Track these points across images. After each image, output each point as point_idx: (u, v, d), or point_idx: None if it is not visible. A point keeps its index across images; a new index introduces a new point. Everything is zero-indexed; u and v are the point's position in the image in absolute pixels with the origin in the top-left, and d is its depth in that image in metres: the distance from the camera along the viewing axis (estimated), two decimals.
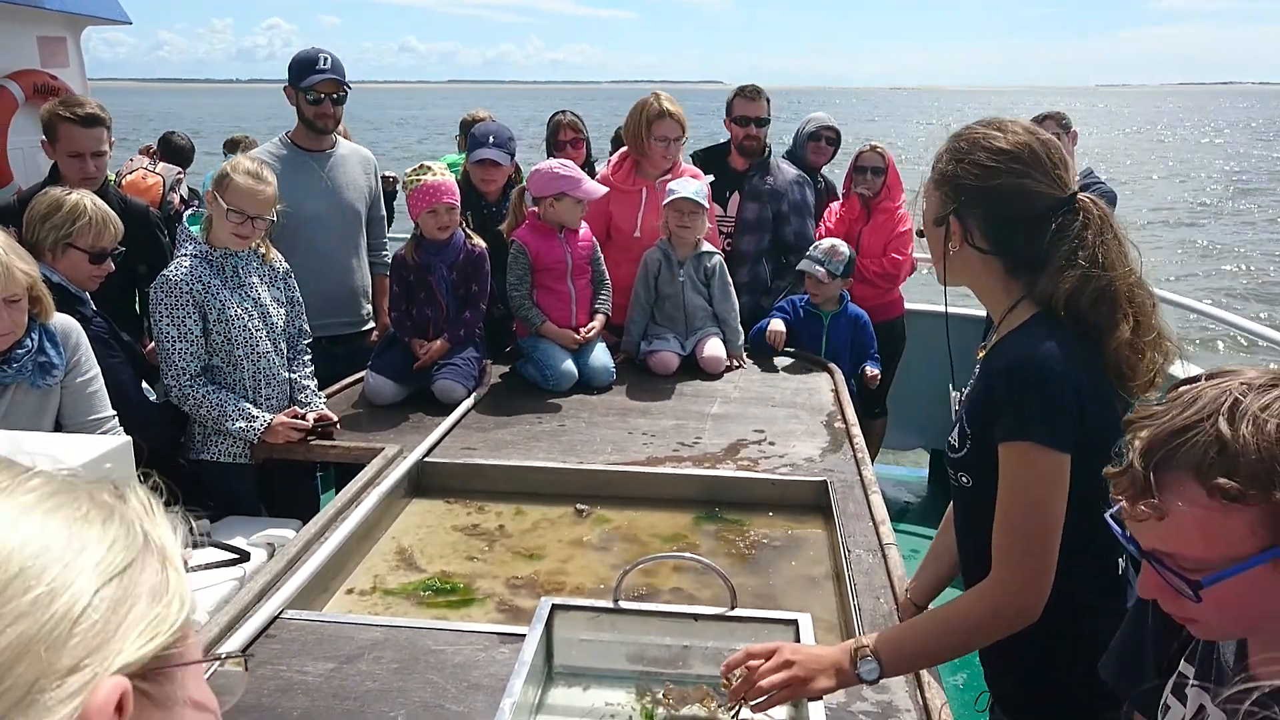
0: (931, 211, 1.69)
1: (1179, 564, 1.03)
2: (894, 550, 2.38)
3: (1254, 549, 0.99)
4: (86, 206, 2.92)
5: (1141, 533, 1.06)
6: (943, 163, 1.65)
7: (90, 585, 0.54)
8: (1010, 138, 1.61)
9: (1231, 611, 1.04)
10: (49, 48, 5.35)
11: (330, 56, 3.87)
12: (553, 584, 2.36)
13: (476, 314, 3.73)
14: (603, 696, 1.78)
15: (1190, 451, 1.00)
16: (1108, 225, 1.60)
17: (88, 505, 0.58)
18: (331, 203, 3.91)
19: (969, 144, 1.63)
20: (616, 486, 2.87)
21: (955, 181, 1.63)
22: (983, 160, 1.60)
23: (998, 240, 1.63)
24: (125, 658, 0.54)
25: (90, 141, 3.41)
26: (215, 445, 3.10)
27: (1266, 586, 1.00)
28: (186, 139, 6.87)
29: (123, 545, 0.58)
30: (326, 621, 2.07)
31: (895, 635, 1.63)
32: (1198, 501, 0.99)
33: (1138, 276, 1.61)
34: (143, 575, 0.57)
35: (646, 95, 4.19)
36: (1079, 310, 1.58)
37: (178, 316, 2.96)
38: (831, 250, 4.26)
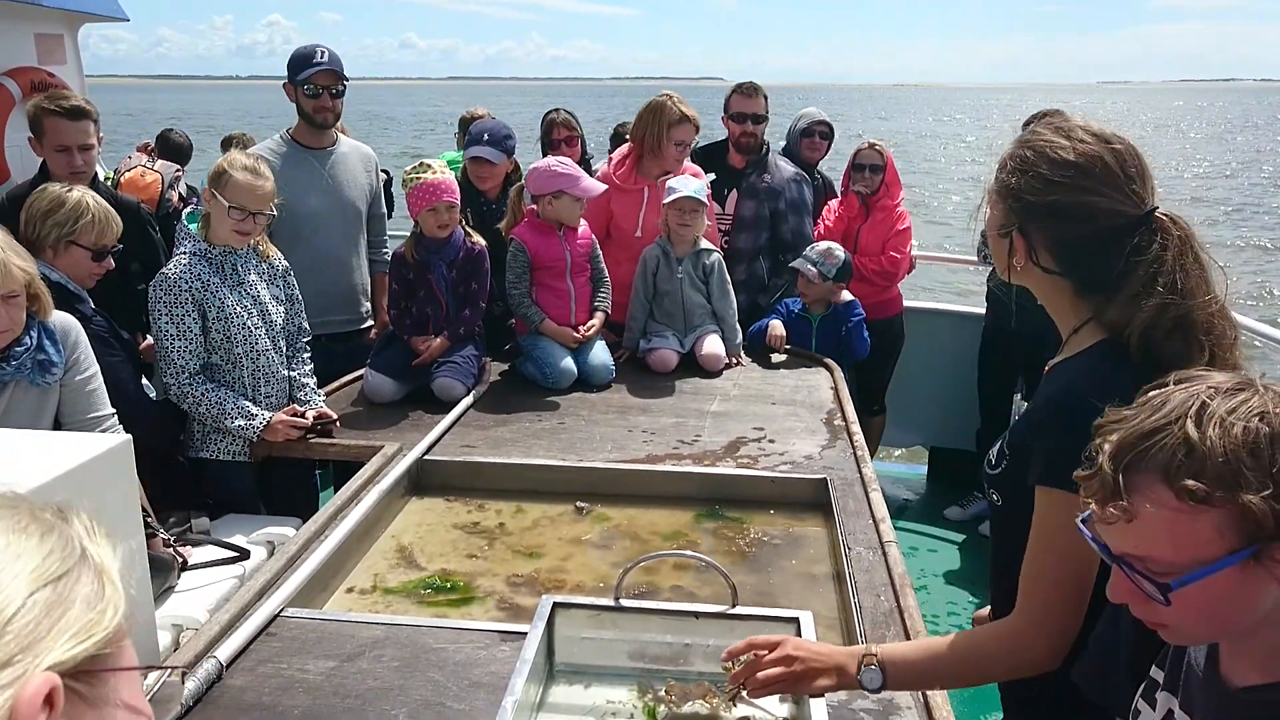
0: (994, 221, 1.56)
1: (1148, 567, 1.04)
2: (894, 548, 2.38)
3: (1222, 551, 0.99)
4: (89, 204, 2.92)
5: (1111, 536, 1.07)
6: (1005, 172, 1.51)
7: (24, 589, 0.59)
8: (1078, 147, 1.45)
9: (1201, 615, 1.04)
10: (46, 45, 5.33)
11: (328, 51, 3.87)
12: (553, 582, 2.37)
13: (476, 312, 3.72)
14: (604, 694, 1.78)
15: (1158, 454, 1.01)
16: (1189, 246, 1.42)
17: (28, 520, 0.63)
18: (332, 200, 3.91)
19: (1034, 154, 1.48)
20: (616, 484, 2.87)
21: (1018, 195, 1.49)
22: (1046, 174, 1.45)
23: (1065, 261, 1.49)
24: (56, 656, 0.59)
25: (77, 135, 3.35)
26: (214, 443, 3.10)
27: (1235, 589, 1.01)
28: (184, 136, 6.86)
29: (59, 556, 0.62)
30: (327, 620, 2.07)
31: (905, 653, 1.59)
32: (1166, 504, 1.00)
33: (1220, 304, 1.43)
34: (78, 585, 0.62)
35: (657, 96, 4.17)
36: (1152, 342, 1.41)
37: (177, 314, 2.95)
38: (827, 252, 4.27)
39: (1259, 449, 0.98)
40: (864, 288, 4.79)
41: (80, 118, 3.36)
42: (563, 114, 5.02)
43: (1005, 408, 4.94)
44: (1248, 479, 0.97)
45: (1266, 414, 1.00)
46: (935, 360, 5.35)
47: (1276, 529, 0.97)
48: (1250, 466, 0.97)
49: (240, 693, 1.79)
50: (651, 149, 4.11)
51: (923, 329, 5.25)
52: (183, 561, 2.62)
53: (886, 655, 1.56)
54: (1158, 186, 1.48)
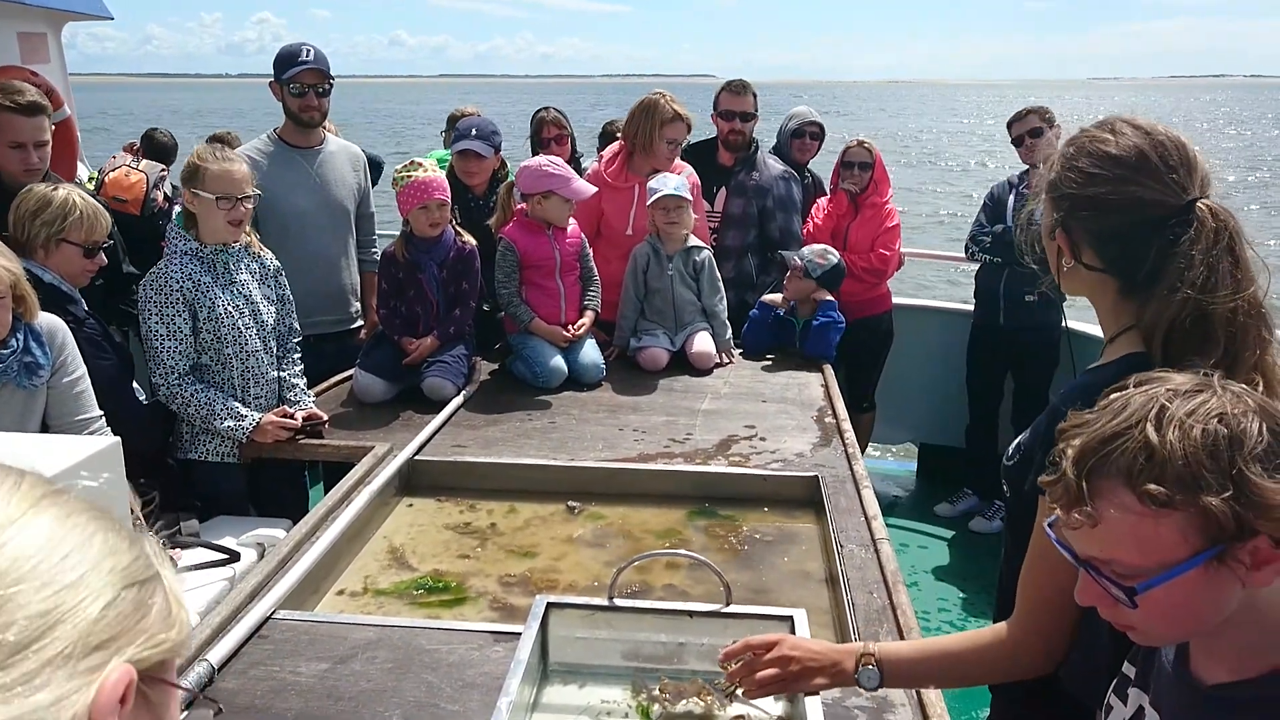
0: (1045, 223, 1.52)
1: (1114, 571, 1.05)
2: (886, 545, 2.39)
3: (1186, 554, 1.00)
4: (76, 201, 2.89)
5: (1077, 540, 1.08)
6: (1053, 169, 1.49)
7: (120, 581, 0.64)
8: (1120, 140, 1.42)
9: (1168, 616, 1.06)
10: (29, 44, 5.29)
11: (313, 49, 3.84)
12: (546, 582, 2.36)
13: (466, 311, 3.71)
14: (598, 694, 1.78)
15: (1120, 458, 1.02)
16: (1225, 237, 1.35)
17: (119, 529, 0.68)
18: (320, 199, 3.89)
19: (1076, 149, 1.46)
20: (608, 483, 2.87)
21: (1059, 190, 1.46)
22: (1085, 166, 1.43)
23: (1108, 257, 1.44)
24: (136, 652, 0.63)
25: (33, 131, 3.25)
26: (204, 444, 3.08)
27: (1200, 590, 1.02)
28: (169, 135, 6.81)
29: (144, 563, 0.67)
30: (319, 622, 2.06)
31: (903, 653, 1.59)
32: (1130, 508, 1.01)
33: (1252, 301, 1.35)
34: (155, 595, 0.67)
35: (649, 94, 4.17)
36: (1171, 342, 1.36)
37: (167, 314, 2.93)
38: (821, 253, 4.22)
39: (1218, 451, 0.99)
40: (854, 285, 4.79)
41: (36, 113, 3.24)
42: (553, 113, 5.01)
43: (994, 404, 4.96)
44: (1208, 481, 0.98)
45: (1225, 415, 1.01)
46: (924, 357, 5.37)
47: (1238, 529, 0.98)
48: (1210, 469, 0.98)
49: (232, 696, 1.79)
50: (643, 147, 4.11)
51: (912, 326, 5.27)
52: (172, 564, 2.60)
53: (884, 655, 1.56)
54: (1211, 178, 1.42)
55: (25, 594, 0.58)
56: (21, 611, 0.58)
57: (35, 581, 0.59)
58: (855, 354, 4.88)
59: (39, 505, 0.64)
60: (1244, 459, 0.98)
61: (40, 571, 0.60)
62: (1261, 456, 0.99)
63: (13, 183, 3.10)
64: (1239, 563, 1.00)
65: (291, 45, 3.87)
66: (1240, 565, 1.00)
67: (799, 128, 5.06)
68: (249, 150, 3.87)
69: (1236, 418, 1.01)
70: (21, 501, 0.63)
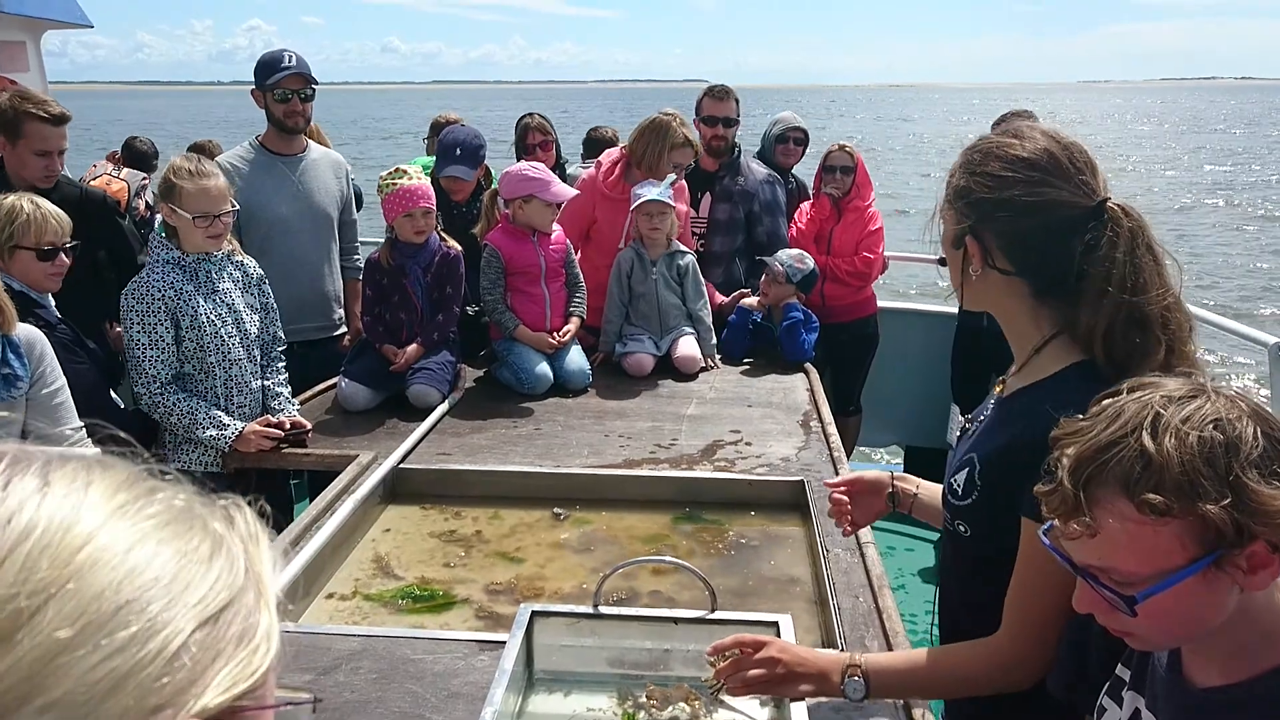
0: (948, 233, 1.52)
1: (1113, 579, 1.05)
2: (872, 549, 2.39)
3: (1184, 560, 1.01)
4: (22, 206, 2.87)
5: (1075, 549, 1.08)
6: (955, 177, 1.50)
7: (188, 626, 0.53)
8: (1028, 144, 1.44)
9: (1166, 623, 1.06)
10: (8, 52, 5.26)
11: (295, 55, 3.83)
12: (531, 589, 2.35)
13: (450, 317, 3.71)
14: (584, 702, 1.77)
15: (1117, 467, 1.02)
16: (1141, 237, 1.39)
17: (199, 538, 0.57)
18: (303, 206, 3.88)
19: (982, 155, 1.47)
20: (594, 489, 2.87)
21: (969, 196, 1.47)
22: (996, 170, 1.44)
23: (1020, 260, 1.45)
24: (205, 702, 0.53)
25: (60, 140, 3.41)
26: (186, 454, 3.06)
27: (1199, 596, 1.02)
28: (149, 143, 6.79)
29: (225, 584, 0.56)
30: (303, 632, 2.05)
31: (889, 665, 1.60)
32: (1128, 517, 1.01)
33: (1175, 297, 1.40)
34: (236, 617, 0.56)
35: (661, 114, 4.15)
36: (1112, 344, 1.38)
37: (149, 324, 2.92)
38: (799, 258, 4.27)
39: (1214, 458, 0.99)
40: (838, 289, 4.82)
41: (63, 123, 3.40)
42: (537, 119, 5.01)
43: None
44: (1205, 489, 0.98)
45: (1220, 421, 1.01)
46: (910, 360, 5.39)
47: (1236, 535, 0.98)
48: (1207, 476, 0.98)
49: None
50: (649, 166, 4.08)
51: (897, 329, 5.29)
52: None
53: (870, 666, 1.56)
54: (1110, 180, 1.47)
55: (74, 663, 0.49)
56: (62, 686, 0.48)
57: (85, 647, 0.49)
58: (841, 357, 4.90)
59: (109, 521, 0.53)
60: (1240, 465, 0.98)
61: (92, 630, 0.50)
62: (1258, 462, 0.99)
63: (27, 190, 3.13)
64: (1236, 568, 1.00)
65: (273, 51, 3.86)
66: (1238, 570, 1.00)
67: (783, 132, 5.07)
68: (231, 158, 3.85)
69: (1231, 423, 1.01)
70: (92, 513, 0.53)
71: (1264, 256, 16.60)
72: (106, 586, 0.51)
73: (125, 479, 0.57)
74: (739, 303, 4.32)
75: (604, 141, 5.43)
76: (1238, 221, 20.12)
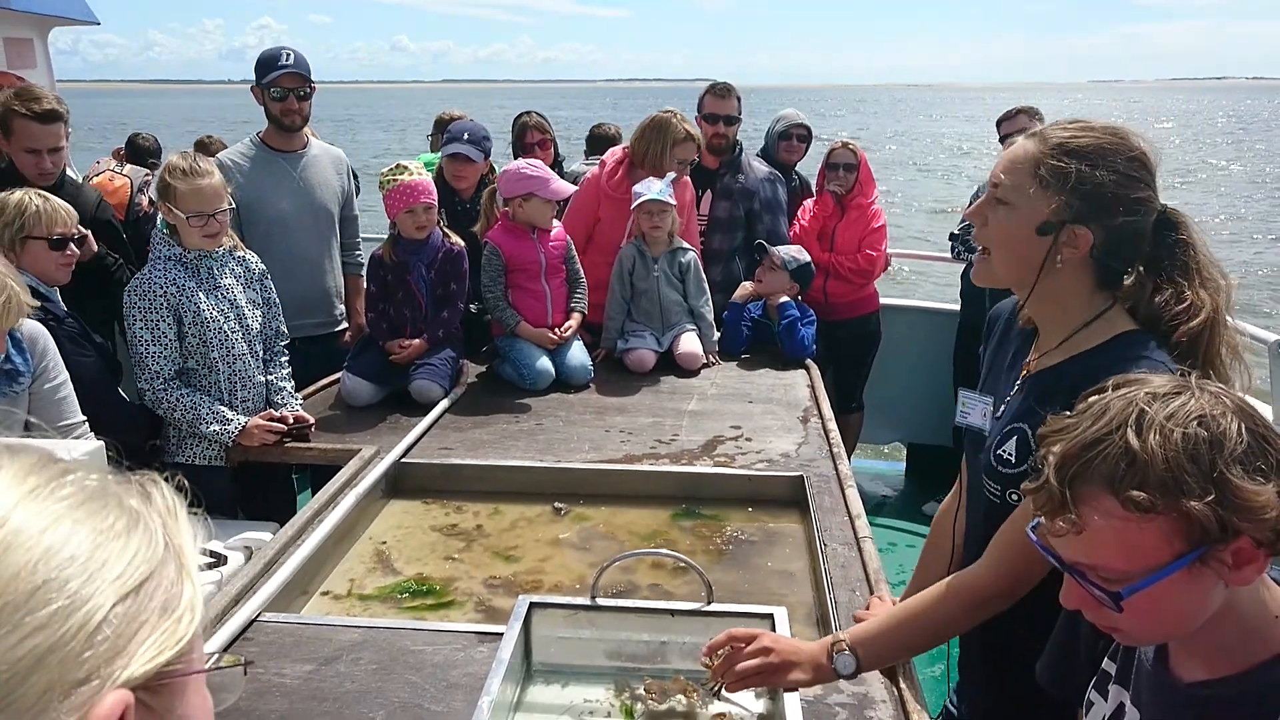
0: (1034, 218, 1.51)
1: (1100, 575, 1.05)
2: (869, 543, 2.40)
3: (1170, 557, 1.01)
4: (31, 198, 2.92)
5: (1061, 545, 1.08)
6: (1058, 164, 1.49)
7: (108, 600, 0.55)
8: (1135, 142, 1.51)
9: (1152, 619, 1.07)
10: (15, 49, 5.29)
11: (293, 53, 3.84)
12: (531, 583, 2.37)
13: (454, 313, 3.72)
14: (581, 694, 1.79)
15: (1102, 465, 1.03)
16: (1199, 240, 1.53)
17: (115, 515, 0.59)
18: (303, 203, 3.89)
19: (1098, 146, 1.49)
20: (594, 485, 2.88)
21: (1086, 186, 1.48)
22: (1121, 168, 1.48)
23: (1115, 252, 1.52)
24: (131, 671, 0.56)
25: (47, 138, 3.34)
26: (190, 448, 3.08)
27: (1184, 592, 1.03)
28: (152, 139, 6.81)
29: (144, 558, 0.59)
30: (304, 624, 2.07)
31: (871, 630, 1.65)
32: (1113, 514, 1.02)
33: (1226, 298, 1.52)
34: (158, 589, 0.59)
35: (660, 111, 4.16)
36: (1189, 335, 1.47)
37: (151, 320, 2.94)
38: (793, 250, 4.30)
39: (1199, 454, 1.00)
40: (841, 286, 4.83)
41: (52, 121, 3.34)
42: (535, 117, 5.02)
43: None
44: (1189, 485, 0.99)
45: (1204, 417, 1.01)
46: (912, 357, 5.40)
47: (1221, 531, 0.99)
48: (1191, 473, 0.99)
49: None
50: (653, 164, 4.08)
51: (899, 326, 5.29)
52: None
53: (854, 637, 1.61)
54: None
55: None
56: None
57: (5, 627, 0.51)
58: (843, 355, 4.91)
59: (22, 505, 0.55)
60: (1225, 461, 0.99)
61: (10, 610, 0.52)
62: (1242, 458, 1.00)
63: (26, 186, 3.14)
64: (1222, 563, 1.01)
65: (272, 49, 3.88)
66: (1223, 566, 1.01)
67: (786, 129, 5.08)
68: (232, 155, 3.87)
69: (1216, 419, 1.01)
70: (3, 498, 0.55)
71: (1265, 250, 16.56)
72: (23, 568, 0.53)
73: (35, 463, 0.59)
74: (731, 296, 4.34)
75: (607, 138, 5.44)
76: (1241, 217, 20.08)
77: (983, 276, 1.64)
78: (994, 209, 1.57)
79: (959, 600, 1.59)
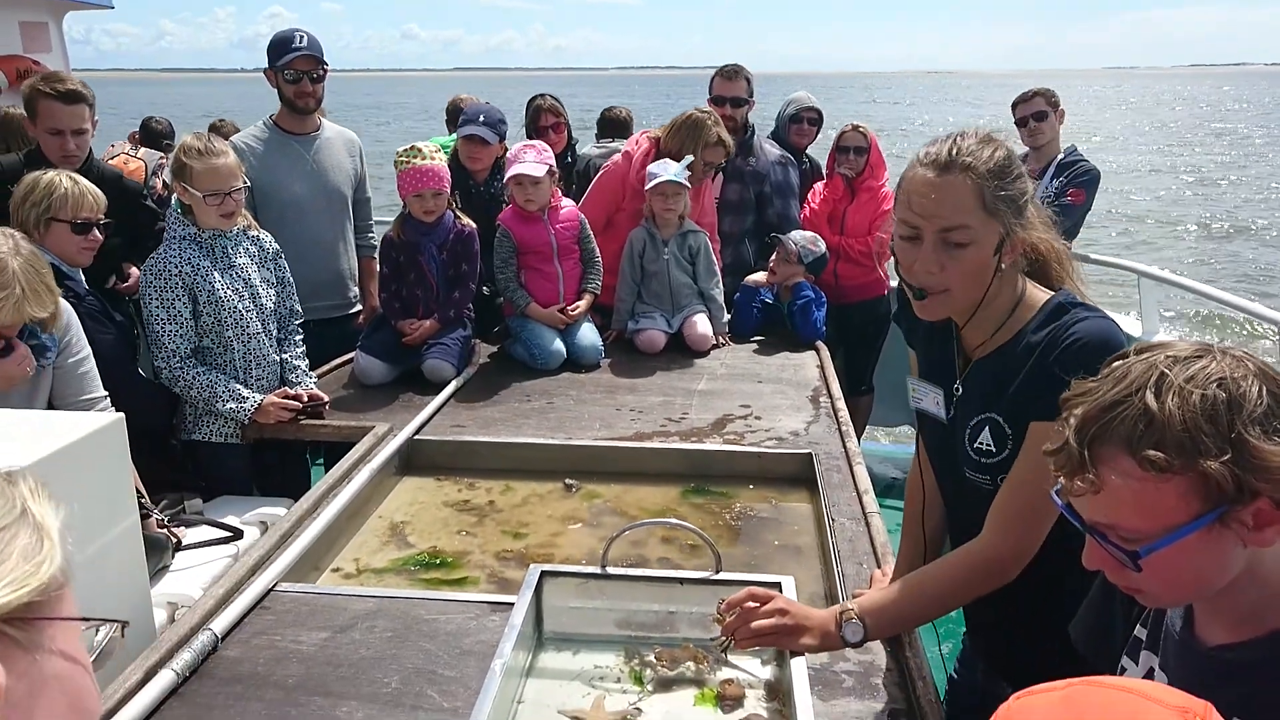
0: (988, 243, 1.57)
1: (1119, 535, 1.07)
2: (877, 518, 2.43)
3: (1187, 517, 1.02)
4: (60, 180, 2.94)
5: (1082, 506, 1.10)
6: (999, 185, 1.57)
7: None
8: (1006, 145, 1.62)
9: (1172, 578, 1.07)
10: (31, 33, 5.33)
11: (306, 35, 3.86)
12: (542, 558, 2.40)
13: (466, 294, 3.75)
14: (592, 660, 1.82)
15: (1121, 426, 1.04)
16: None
17: None
18: (317, 185, 3.92)
19: (1003, 163, 1.58)
20: (605, 461, 2.91)
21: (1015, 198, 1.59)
22: (1021, 169, 1.61)
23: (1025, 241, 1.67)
24: None
25: (71, 119, 3.38)
26: (207, 426, 3.12)
27: (1203, 552, 1.04)
28: (166, 123, 6.85)
29: (1, 511, 0.69)
30: (320, 593, 2.11)
31: (879, 600, 1.67)
32: (1131, 474, 1.03)
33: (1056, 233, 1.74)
34: (15, 539, 0.68)
35: (696, 110, 4.16)
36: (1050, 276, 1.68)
37: (167, 299, 2.97)
38: (813, 240, 4.31)
39: (1216, 415, 1.00)
40: (851, 269, 4.83)
41: (75, 102, 3.38)
42: (549, 100, 5.03)
43: None
44: (1207, 446, 0.99)
45: (1224, 380, 1.02)
46: None
47: (1238, 492, 1.00)
48: (1208, 433, 1.00)
49: (235, 663, 1.83)
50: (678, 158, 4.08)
51: None
52: (177, 541, 2.65)
53: (863, 607, 1.64)
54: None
55: None
56: None
57: None
58: (853, 337, 4.92)
59: None
60: (1243, 422, 1.00)
61: None
62: (1261, 419, 1.00)
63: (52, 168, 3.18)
64: (1241, 524, 1.01)
65: (285, 31, 3.89)
66: (1243, 527, 1.02)
67: (797, 113, 5.08)
68: (245, 138, 3.90)
69: (1236, 381, 1.02)
70: None
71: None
72: None
73: None
74: (744, 280, 4.35)
75: (617, 121, 5.44)
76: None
77: (939, 312, 1.65)
78: (949, 254, 1.57)
79: (966, 569, 1.62)
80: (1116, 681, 0.83)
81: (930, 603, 1.67)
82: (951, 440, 1.73)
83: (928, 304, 1.63)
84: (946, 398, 1.74)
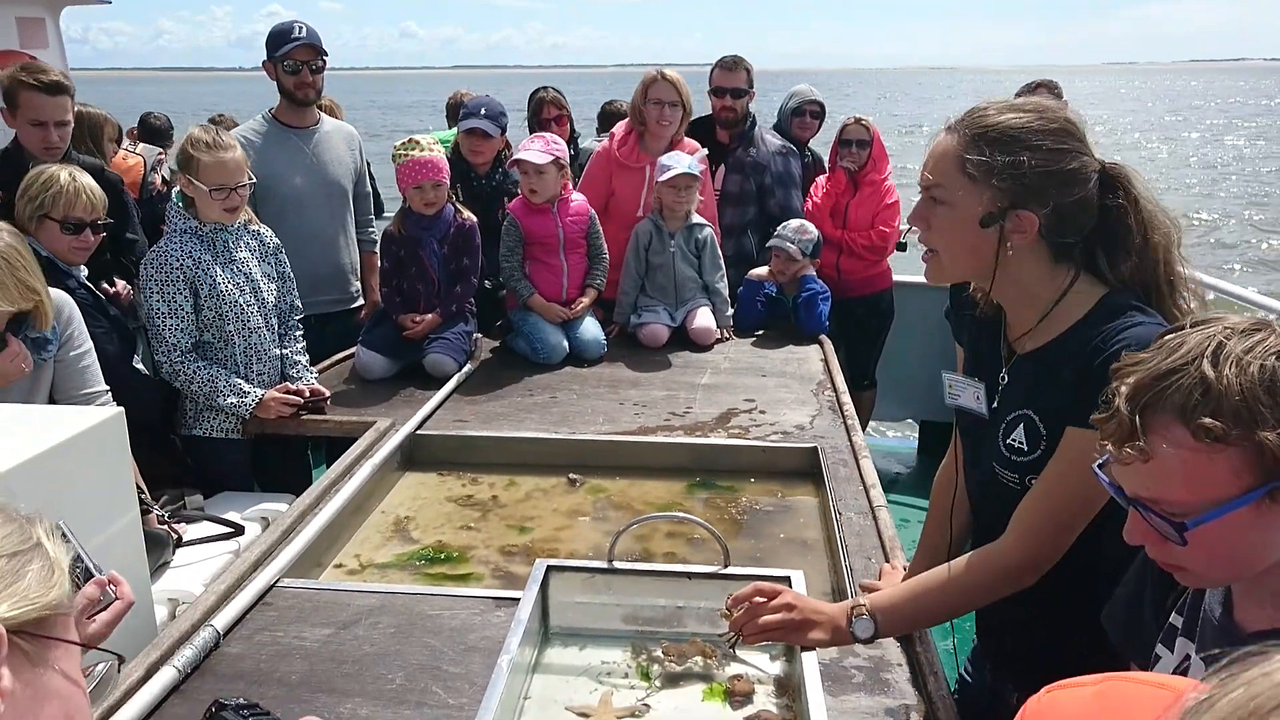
0: (973, 213, 1.50)
1: (1164, 509, 1.04)
2: (884, 512, 2.41)
3: (1238, 490, 0.99)
4: (60, 177, 2.89)
5: (1127, 478, 1.07)
6: (981, 154, 1.48)
7: None
8: (1056, 112, 1.49)
9: (1217, 554, 1.04)
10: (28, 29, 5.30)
11: (305, 26, 3.83)
12: (547, 552, 2.38)
13: (468, 288, 3.73)
14: (599, 655, 1.79)
15: (1175, 394, 1.01)
16: (1143, 193, 1.53)
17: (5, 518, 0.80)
18: (317, 179, 3.89)
19: (1020, 128, 1.48)
20: (609, 456, 2.89)
21: (1014, 172, 1.47)
22: (1048, 144, 1.47)
23: (1063, 226, 1.51)
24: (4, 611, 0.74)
25: (54, 110, 3.31)
26: (207, 421, 3.10)
27: (1251, 528, 1.01)
28: (164, 119, 6.82)
29: (17, 539, 0.79)
30: (323, 589, 2.09)
31: (892, 598, 1.63)
32: (1183, 444, 1.00)
33: (1176, 241, 1.54)
34: (30, 564, 0.78)
35: None
36: (1153, 287, 1.52)
37: (168, 293, 2.95)
38: (801, 229, 4.26)
39: (1275, 387, 0.98)
40: (854, 263, 4.81)
41: (59, 93, 3.31)
42: (551, 92, 5.01)
43: None
44: (1264, 416, 0.97)
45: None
46: (925, 334, 5.37)
47: None
48: (1267, 404, 0.97)
49: (237, 660, 1.81)
50: (639, 119, 4.12)
51: (913, 303, 5.27)
52: (177, 538, 2.63)
53: (875, 604, 1.60)
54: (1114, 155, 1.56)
55: None
56: None
57: None
58: (856, 331, 4.90)
59: None
60: None
61: None
62: None
63: (36, 162, 3.14)
64: None
65: (283, 23, 3.86)
66: None
67: (799, 105, 5.05)
68: (245, 131, 3.87)
69: None
70: None
71: None
72: None
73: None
74: (748, 274, 4.32)
75: (618, 115, 5.42)
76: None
77: (936, 276, 1.62)
78: (933, 210, 1.55)
79: (984, 573, 1.57)
80: (1150, 677, 0.81)
81: (943, 605, 1.62)
82: (988, 434, 1.67)
83: (927, 266, 1.63)
84: (989, 389, 1.68)
